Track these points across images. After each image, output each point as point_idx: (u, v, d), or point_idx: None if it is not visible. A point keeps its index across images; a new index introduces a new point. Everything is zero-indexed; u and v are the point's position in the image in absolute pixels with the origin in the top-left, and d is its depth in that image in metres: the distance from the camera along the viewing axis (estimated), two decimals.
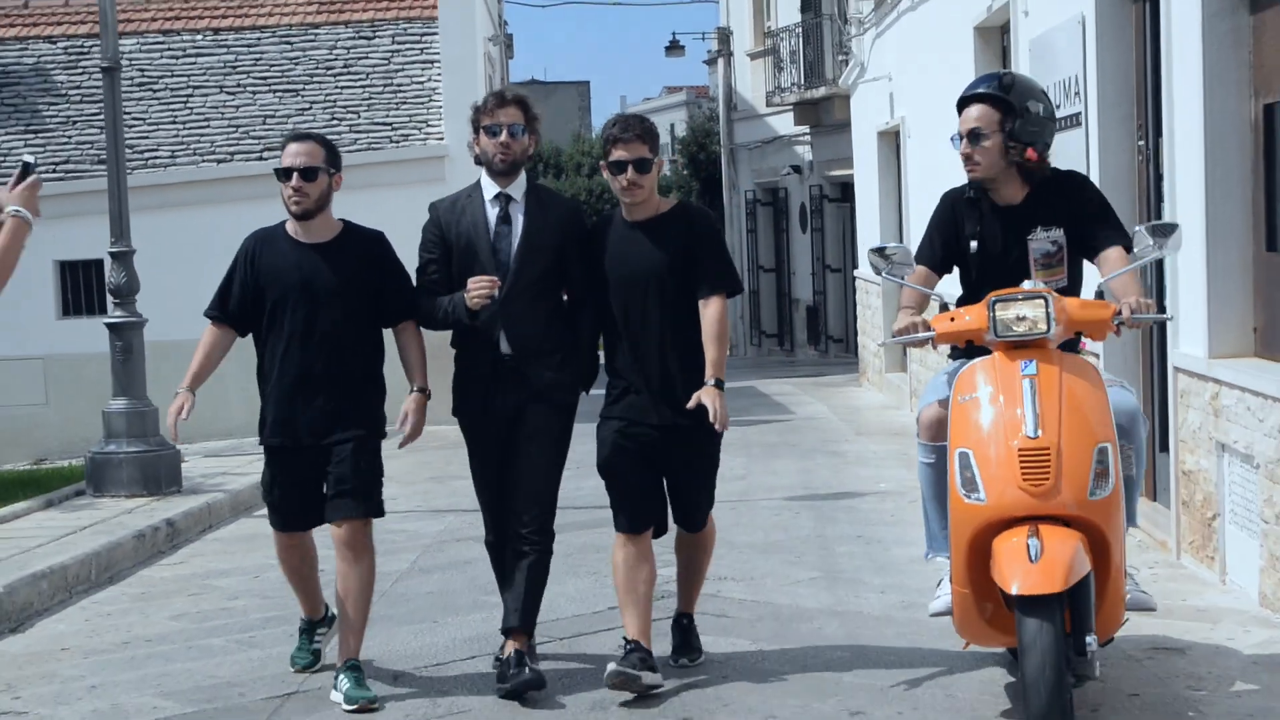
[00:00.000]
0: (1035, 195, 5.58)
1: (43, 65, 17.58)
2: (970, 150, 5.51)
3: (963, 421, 5.08)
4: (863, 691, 5.67)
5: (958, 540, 5.05)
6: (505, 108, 5.96)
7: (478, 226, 5.95)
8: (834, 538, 8.85)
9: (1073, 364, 5.15)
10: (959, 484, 5.01)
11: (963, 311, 5.32)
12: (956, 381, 5.20)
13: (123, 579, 8.37)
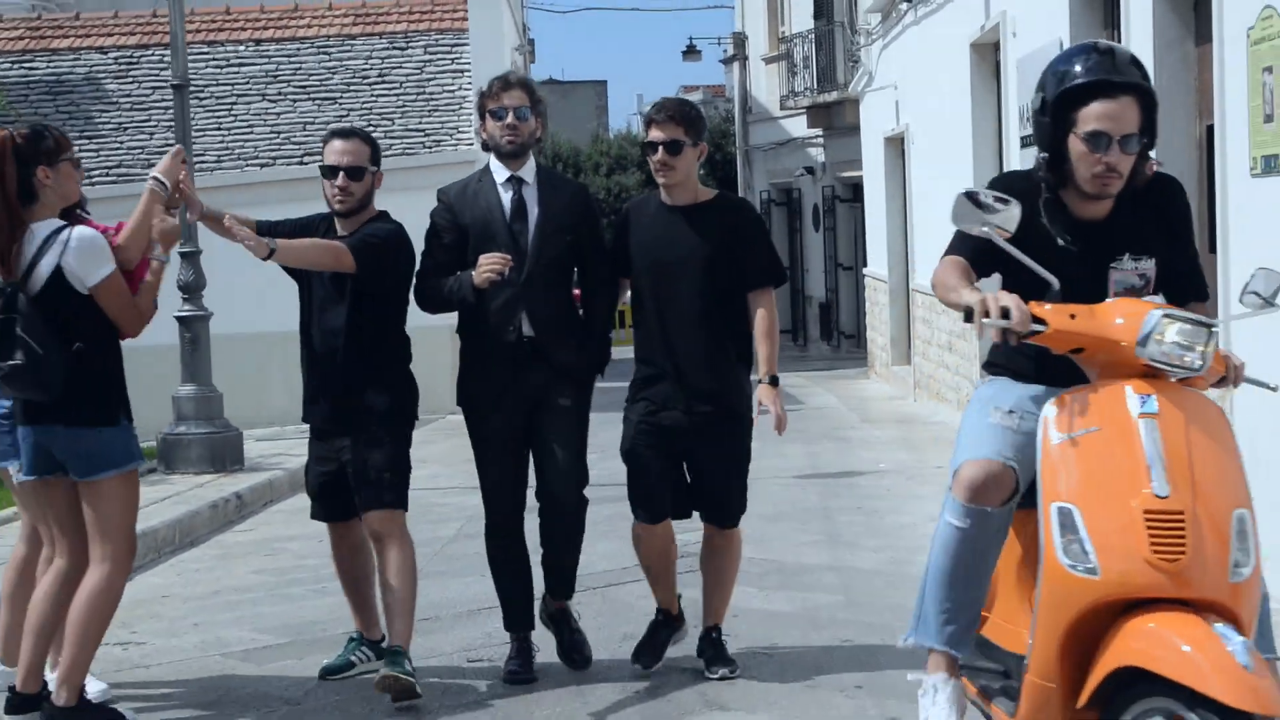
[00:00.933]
0: (1122, 212, 4.32)
1: (95, 74, 18.71)
2: (1111, 160, 4.15)
3: (1061, 467, 3.97)
4: (852, 626, 6.74)
5: (1053, 621, 3.93)
6: (510, 91, 5.95)
7: (493, 210, 5.92)
8: (836, 509, 9.93)
9: (1197, 404, 4.01)
10: (1058, 549, 3.90)
11: (1097, 310, 4.05)
12: (1056, 411, 4.03)
13: (202, 542, 9.48)
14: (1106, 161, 4.08)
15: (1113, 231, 4.28)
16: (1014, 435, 4.23)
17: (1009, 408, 4.28)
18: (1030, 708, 4.01)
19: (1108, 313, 4.02)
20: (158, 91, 18.58)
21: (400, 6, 19.50)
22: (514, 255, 5.80)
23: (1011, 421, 4.25)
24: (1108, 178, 4.12)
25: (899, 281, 18.22)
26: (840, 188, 27.37)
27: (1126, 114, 4.09)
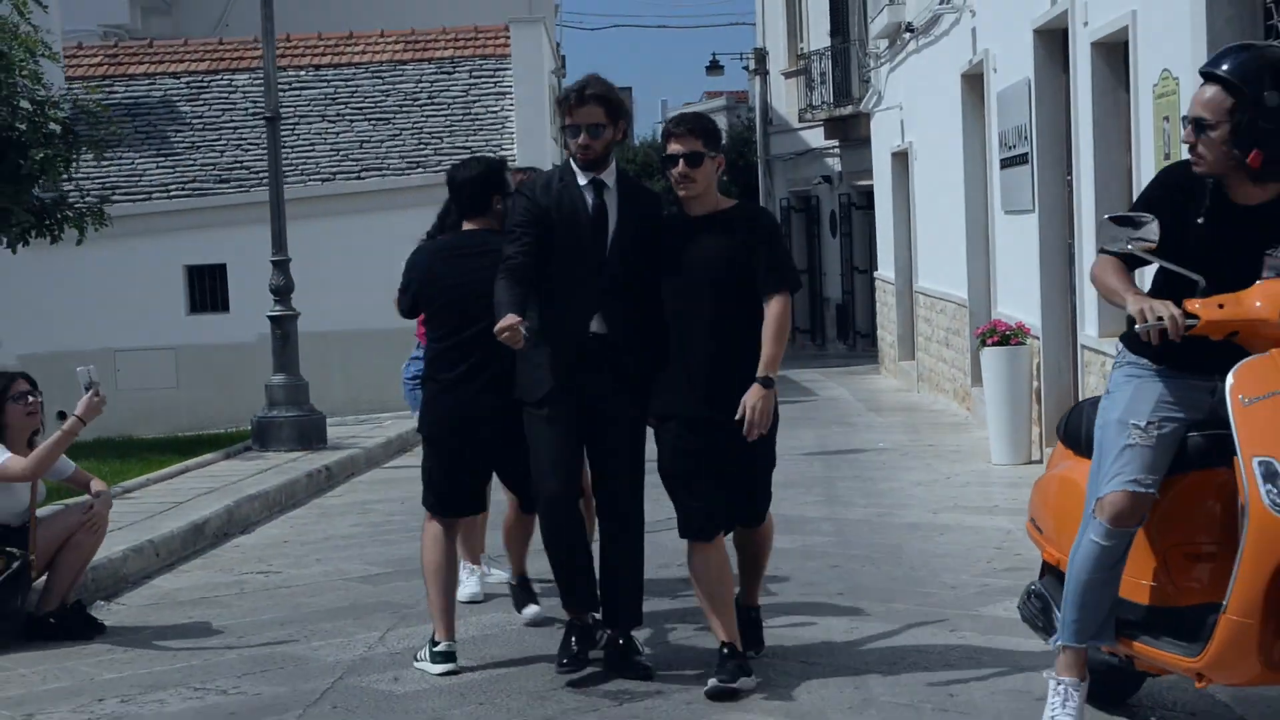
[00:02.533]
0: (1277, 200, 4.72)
1: (169, 98, 20.70)
2: (1194, 139, 4.70)
3: (1260, 425, 4.42)
4: (838, 556, 8.59)
5: (1260, 562, 4.37)
6: (584, 106, 6.00)
7: (578, 210, 6.03)
8: (836, 478, 11.80)
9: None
10: (1264, 498, 4.35)
11: (1240, 297, 4.56)
12: (1235, 378, 4.51)
13: (303, 505, 11.40)
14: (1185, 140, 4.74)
15: (1272, 216, 4.65)
16: (1150, 452, 4.72)
17: (1144, 421, 4.74)
18: (1225, 643, 4.43)
19: (1250, 297, 4.53)
20: (227, 113, 20.58)
21: (447, 34, 21.46)
22: (593, 257, 6.01)
23: (1149, 437, 4.73)
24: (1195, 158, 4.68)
25: (904, 284, 20.06)
26: (855, 195, 29.17)
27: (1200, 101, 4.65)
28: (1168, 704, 5.46)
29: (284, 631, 7.20)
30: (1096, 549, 4.76)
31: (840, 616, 7.10)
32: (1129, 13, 9.18)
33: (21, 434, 7.27)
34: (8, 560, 7.02)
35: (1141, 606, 4.87)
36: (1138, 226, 4.60)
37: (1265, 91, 4.52)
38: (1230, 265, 4.60)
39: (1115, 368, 5.02)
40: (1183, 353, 4.66)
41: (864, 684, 5.94)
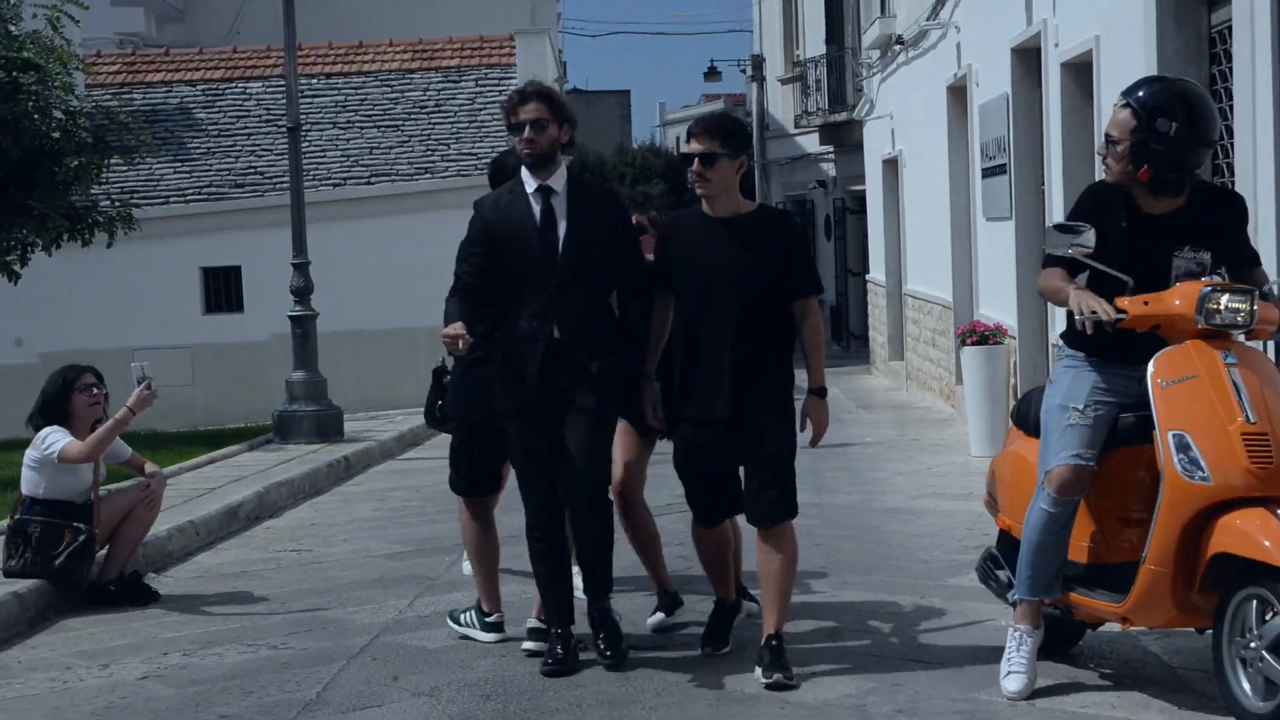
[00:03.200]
0: (1187, 210, 5.51)
1: (185, 105, 21.51)
2: (1105, 152, 5.58)
3: (1174, 405, 5.19)
4: (823, 535, 9.41)
5: (1172, 518, 5.13)
6: (526, 104, 6.11)
7: (524, 221, 6.12)
8: (825, 468, 12.62)
9: (1258, 357, 5.43)
10: (1177, 463, 5.13)
11: (1160, 296, 5.33)
12: (1155, 366, 5.29)
13: (325, 492, 12.22)
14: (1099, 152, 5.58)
15: (1174, 225, 5.43)
16: (1088, 430, 5.51)
17: (1082, 404, 5.53)
18: (1144, 589, 5.24)
19: (1170, 296, 5.31)
20: (241, 120, 21.39)
21: (453, 44, 22.28)
22: (544, 264, 6.12)
23: (1086, 418, 5.52)
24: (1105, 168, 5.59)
25: (895, 286, 20.89)
26: (850, 200, 30.00)
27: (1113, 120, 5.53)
28: (1105, 655, 6.27)
29: (320, 599, 8.02)
30: (1046, 515, 5.57)
31: (821, 585, 7.92)
32: (1093, 37, 10.01)
33: (85, 422, 8.07)
34: (75, 534, 7.82)
35: (1081, 564, 5.71)
36: (1077, 234, 5.39)
37: (1159, 119, 5.36)
38: (1145, 267, 5.42)
39: (1058, 360, 5.85)
40: (1113, 345, 5.46)
41: (840, 638, 6.76)
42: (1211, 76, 8.43)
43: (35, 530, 7.79)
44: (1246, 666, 5.10)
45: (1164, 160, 5.40)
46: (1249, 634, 5.07)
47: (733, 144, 6.08)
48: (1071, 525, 5.60)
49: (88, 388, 8.08)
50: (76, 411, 8.04)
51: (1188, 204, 5.52)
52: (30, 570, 7.75)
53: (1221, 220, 5.58)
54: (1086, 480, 5.53)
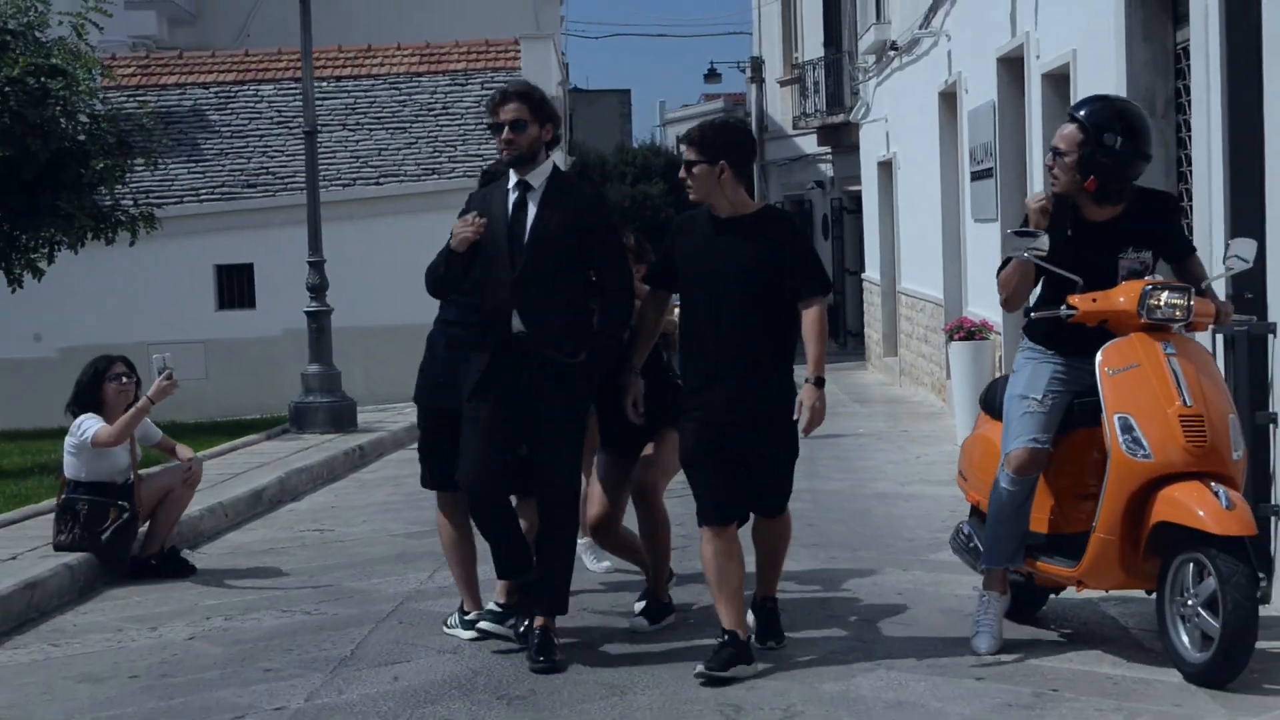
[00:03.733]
0: (1126, 216, 6.10)
1: (199, 107, 22.15)
2: (1053, 163, 6.16)
3: (1120, 391, 5.81)
4: (814, 515, 10.07)
5: (1118, 492, 5.75)
6: (506, 104, 6.32)
7: (496, 212, 6.33)
8: (818, 457, 13.26)
9: (1195, 348, 6.01)
10: (1123, 443, 5.75)
11: (1107, 294, 5.96)
12: (1103, 356, 5.89)
13: (342, 479, 12.87)
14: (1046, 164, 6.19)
15: (1116, 230, 6.02)
16: (1044, 417, 6.13)
17: (1039, 394, 6.14)
18: (1095, 555, 5.89)
19: (1116, 293, 5.93)
20: (253, 122, 22.03)
21: (460, 48, 22.92)
22: (510, 256, 6.29)
23: (1045, 405, 6.13)
24: (1051, 179, 6.18)
25: (889, 285, 21.53)
26: (847, 200, 30.61)
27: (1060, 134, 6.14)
28: (1066, 618, 6.91)
29: (346, 572, 8.67)
30: (1006, 493, 6.21)
31: (812, 559, 8.57)
32: (1071, 50, 10.65)
33: (117, 409, 8.70)
34: (119, 512, 8.46)
35: (1042, 535, 6.36)
36: (1034, 238, 6.04)
37: (1105, 134, 5.99)
38: (1092, 269, 6.06)
39: (1019, 352, 6.47)
40: (1067, 339, 6.12)
41: (828, 605, 7.41)
42: (1176, 89, 9.07)
43: (83, 508, 8.42)
44: (1185, 623, 5.75)
45: (1109, 172, 6.03)
46: (1186, 594, 5.72)
47: (711, 151, 6.25)
48: (1030, 501, 6.23)
49: (117, 376, 8.71)
50: (108, 399, 8.66)
51: (1127, 210, 6.15)
52: (78, 545, 8.38)
53: (1159, 222, 6.21)
54: (1043, 461, 6.17)
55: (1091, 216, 6.17)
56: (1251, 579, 5.51)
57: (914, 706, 5.65)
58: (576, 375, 6.33)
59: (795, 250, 6.25)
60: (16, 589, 7.54)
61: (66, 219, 14.49)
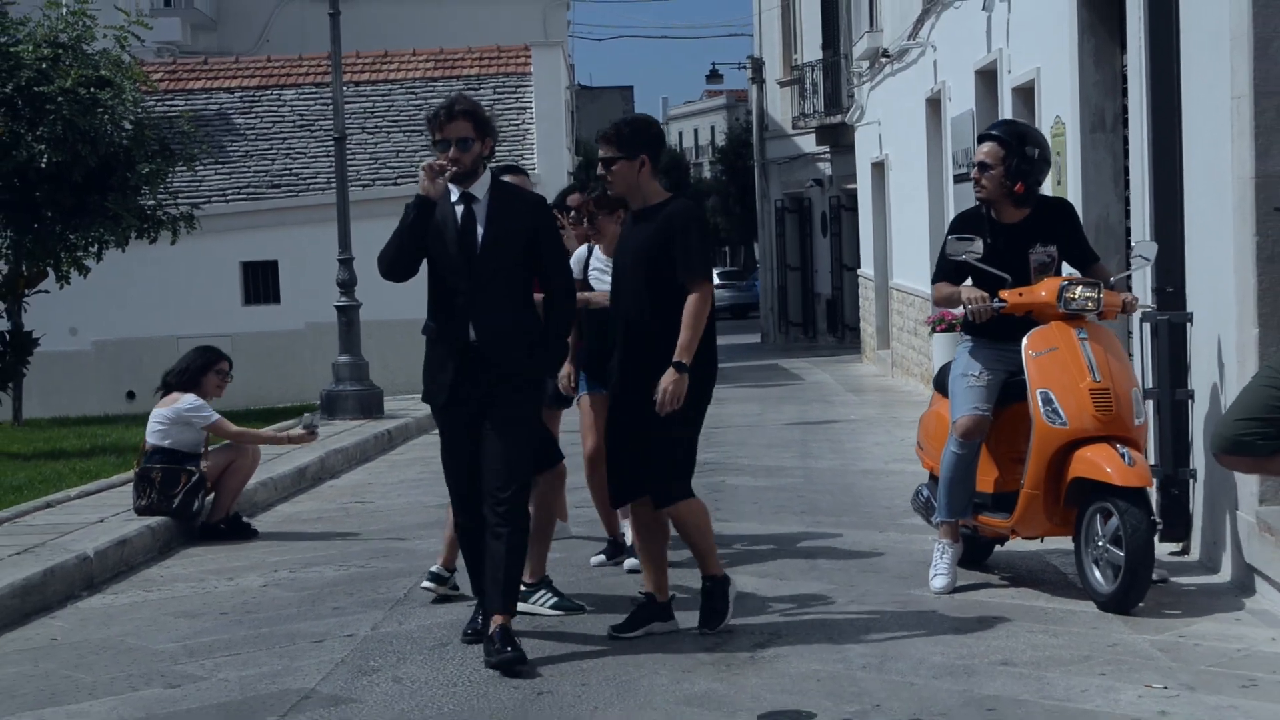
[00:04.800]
0: (1033, 217, 7.35)
1: (224, 110, 23.39)
2: (979, 176, 7.38)
3: (1042, 370, 7.00)
4: (804, 488, 11.28)
5: (1041, 454, 6.95)
6: (453, 121, 6.46)
7: (445, 225, 6.44)
8: (811, 439, 14.51)
9: (1104, 333, 7.15)
10: (1044, 413, 6.94)
11: (1031, 289, 7.15)
12: (1028, 342, 7.07)
13: (373, 459, 14.11)
14: (974, 177, 7.42)
15: (1025, 229, 7.27)
16: (983, 390, 7.33)
17: (979, 371, 7.34)
18: (1024, 508, 7.10)
19: (1039, 288, 7.09)
20: (276, 125, 23.27)
21: (473, 53, 24.16)
22: (462, 267, 6.42)
23: (983, 380, 7.33)
24: (977, 189, 7.39)
25: (882, 280, 22.75)
26: (844, 198, 31.84)
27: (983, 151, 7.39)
28: (1012, 566, 8.13)
29: (390, 535, 9.89)
30: (954, 456, 7.43)
31: (799, 524, 9.79)
32: (1035, 68, 11.87)
33: (209, 397, 9.92)
34: (188, 476, 9.69)
35: (988, 494, 7.61)
36: (970, 242, 7.27)
37: (1027, 146, 7.32)
38: (1008, 262, 7.33)
39: (960, 344, 7.74)
40: (997, 329, 7.36)
41: (813, 558, 8.62)
42: (1123, 107, 10.27)
43: (157, 475, 9.64)
44: (1097, 561, 6.98)
45: (1029, 177, 7.33)
46: (1097, 537, 6.95)
47: (630, 147, 6.59)
48: (976, 463, 7.46)
49: (223, 372, 9.97)
50: (207, 388, 9.90)
51: (1033, 212, 7.43)
52: (155, 508, 9.60)
53: (1060, 222, 7.49)
54: (984, 427, 7.40)
55: (1006, 219, 7.42)
56: (1149, 522, 6.69)
57: (881, 633, 6.85)
58: (530, 375, 6.58)
59: (681, 239, 6.51)
60: (110, 545, 8.78)
61: (114, 219, 15.74)
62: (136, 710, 6.04)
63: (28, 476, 11.65)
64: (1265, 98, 6.99)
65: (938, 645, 6.55)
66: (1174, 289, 8.18)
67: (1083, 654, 6.29)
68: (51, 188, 15.47)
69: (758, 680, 6.10)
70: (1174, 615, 6.86)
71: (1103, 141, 10.35)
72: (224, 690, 6.28)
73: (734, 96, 71.16)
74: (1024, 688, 5.85)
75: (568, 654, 6.64)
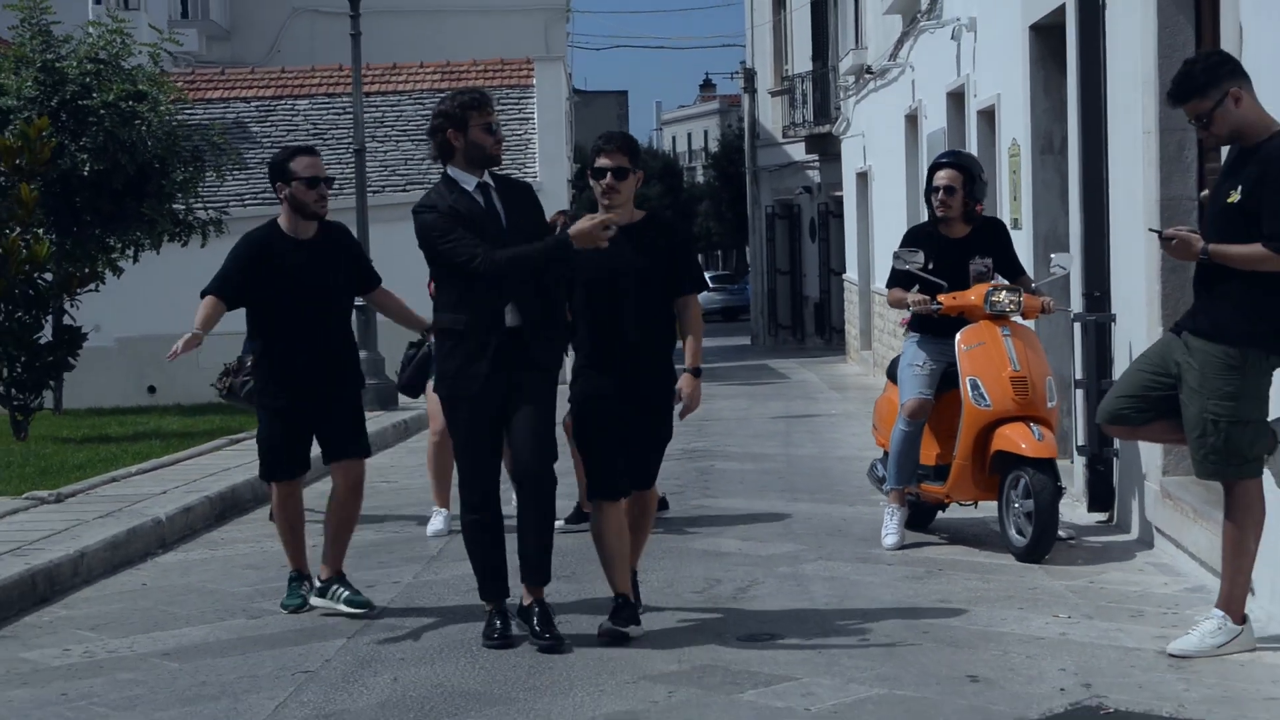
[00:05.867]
0: (974, 233, 8.82)
1: (241, 119, 24.75)
2: (946, 199, 8.73)
3: (971, 361, 8.45)
4: (784, 470, 12.67)
5: (969, 431, 8.44)
6: (490, 111, 6.85)
7: (475, 214, 6.68)
8: (793, 430, 15.91)
9: (1025, 331, 8.72)
10: (972, 397, 8.40)
11: (963, 294, 8.58)
12: (960, 337, 8.49)
13: (393, 446, 15.50)
14: (941, 200, 8.79)
15: (968, 243, 8.74)
16: (928, 377, 8.78)
17: (922, 362, 8.79)
18: (956, 476, 8.60)
19: (970, 293, 8.56)
20: (290, 134, 24.61)
21: (477, 66, 25.55)
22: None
23: (926, 369, 8.79)
24: (943, 209, 8.78)
25: (865, 284, 24.15)
26: (832, 205, 33.16)
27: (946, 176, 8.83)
28: (950, 529, 9.51)
29: (418, 506, 11.25)
30: (902, 433, 8.89)
31: (779, 500, 11.19)
32: (997, 94, 13.27)
33: None
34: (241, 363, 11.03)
35: (930, 466, 9.07)
36: (914, 255, 8.71)
37: (980, 172, 8.91)
38: (952, 273, 8.77)
39: (905, 339, 9.23)
40: (937, 326, 8.83)
41: (788, 525, 10.02)
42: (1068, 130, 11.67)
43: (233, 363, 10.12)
44: (1014, 520, 8.47)
45: (981, 197, 8.91)
46: (1014, 499, 8.42)
47: (638, 160, 6.86)
48: (920, 440, 8.94)
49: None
50: None
51: (974, 229, 8.92)
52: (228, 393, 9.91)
53: (995, 238, 9.03)
54: (928, 409, 8.88)
55: (953, 235, 8.91)
56: (1055, 487, 8.19)
57: (842, 580, 8.23)
58: (555, 360, 6.97)
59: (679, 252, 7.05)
60: (177, 511, 10.17)
61: (150, 224, 17.12)
62: (228, 634, 7.43)
63: (86, 457, 12.99)
64: (1168, 134, 8.40)
65: (888, 589, 7.96)
66: (1100, 294, 9.58)
67: (1007, 594, 7.70)
68: (92, 194, 16.82)
69: (737, 615, 7.48)
70: (1086, 565, 8.29)
71: (1051, 163, 11.72)
72: (298, 620, 7.68)
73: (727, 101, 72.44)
74: (955, 618, 7.25)
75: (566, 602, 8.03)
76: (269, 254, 7.63)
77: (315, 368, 7.57)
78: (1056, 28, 10.87)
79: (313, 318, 7.56)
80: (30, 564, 8.25)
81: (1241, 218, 6.04)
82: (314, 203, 7.61)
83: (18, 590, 7.93)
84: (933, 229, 8.98)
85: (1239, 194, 6.03)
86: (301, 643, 7.21)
